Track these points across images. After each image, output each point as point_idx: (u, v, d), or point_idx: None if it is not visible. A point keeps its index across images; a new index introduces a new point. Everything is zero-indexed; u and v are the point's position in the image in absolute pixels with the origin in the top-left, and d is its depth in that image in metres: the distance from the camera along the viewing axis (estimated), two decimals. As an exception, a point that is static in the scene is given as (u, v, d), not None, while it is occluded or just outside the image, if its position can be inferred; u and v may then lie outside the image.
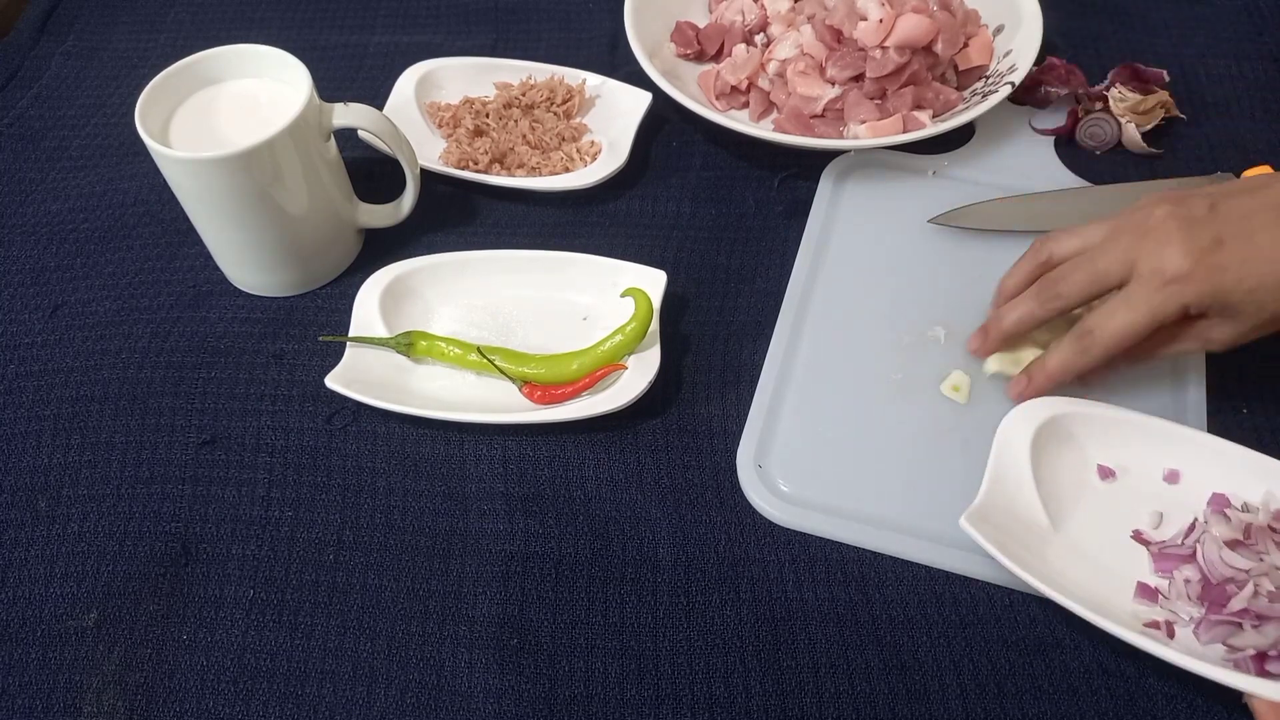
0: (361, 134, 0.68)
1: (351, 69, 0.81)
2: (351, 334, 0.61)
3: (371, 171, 0.70)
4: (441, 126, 0.73)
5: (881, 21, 0.65)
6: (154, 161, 0.57)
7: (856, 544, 0.52)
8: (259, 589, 0.53)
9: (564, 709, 0.49)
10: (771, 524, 0.54)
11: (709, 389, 0.59)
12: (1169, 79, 0.72)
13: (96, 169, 0.75)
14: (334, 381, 0.58)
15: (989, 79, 0.70)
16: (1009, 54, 0.70)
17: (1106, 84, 0.71)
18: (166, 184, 0.60)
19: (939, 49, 0.67)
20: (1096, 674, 0.48)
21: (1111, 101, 0.70)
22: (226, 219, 0.60)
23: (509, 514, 0.55)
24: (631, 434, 0.58)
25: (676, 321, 0.62)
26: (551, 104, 0.74)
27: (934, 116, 0.68)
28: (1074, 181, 0.67)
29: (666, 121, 0.74)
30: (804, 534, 0.53)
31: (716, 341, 0.62)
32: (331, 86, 0.77)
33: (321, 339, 0.63)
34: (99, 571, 0.54)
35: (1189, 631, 0.46)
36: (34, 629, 0.52)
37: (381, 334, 0.61)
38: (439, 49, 0.79)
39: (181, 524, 0.55)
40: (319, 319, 0.64)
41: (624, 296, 0.59)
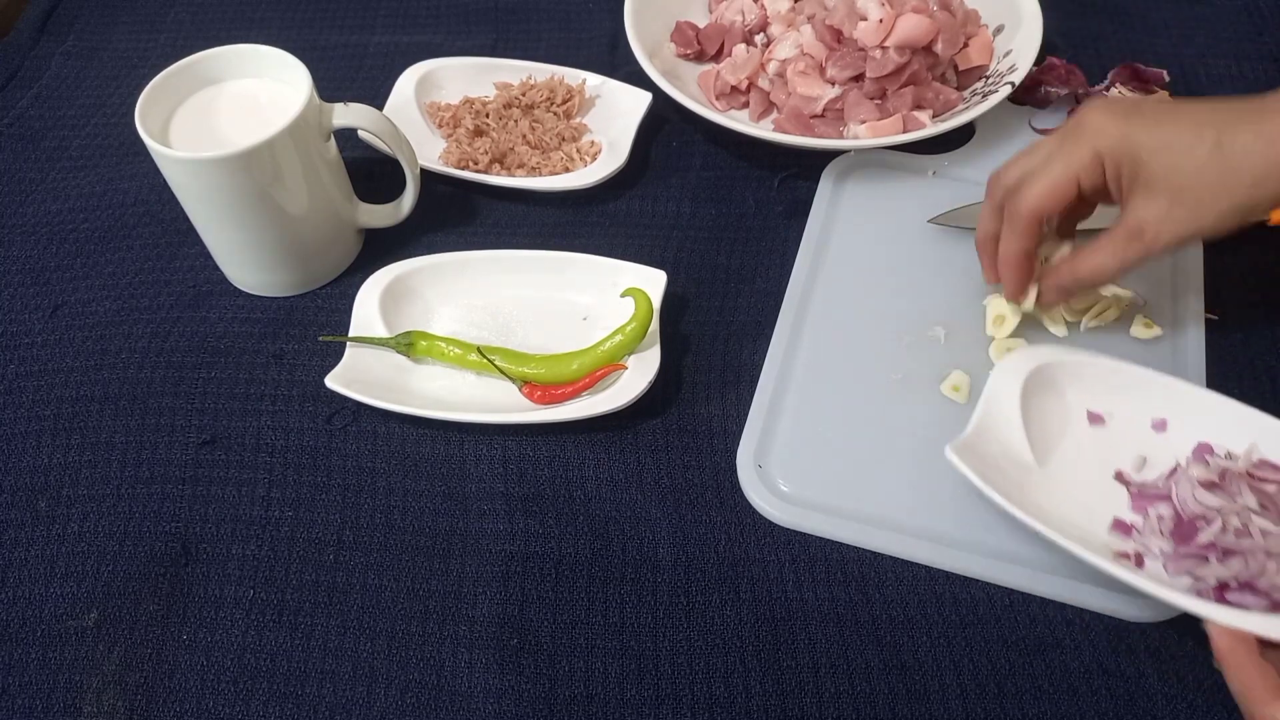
0: (361, 134, 0.68)
1: (351, 69, 0.81)
2: (351, 334, 0.61)
3: (371, 171, 0.70)
4: (441, 126, 0.73)
5: (881, 21, 0.65)
6: (154, 161, 0.57)
7: (856, 544, 0.52)
8: (259, 589, 0.53)
9: (564, 709, 0.49)
10: (771, 524, 0.53)
11: (709, 389, 0.59)
12: (1169, 79, 0.71)
13: (96, 169, 0.75)
14: (334, 381, 0.58)
15: (989, 79, 0.70)
16: (1009, 54, 0.70)
17: (1106, 84, 0.71)
18: (166, 184, 0.60)
19: (939, 49, 0.67)
20: (1096, 674, 0.48)
21: (1111, 101, 0.70)
22: (226, 219, 0.60)
23: (509, 514, 0.55)
24: (631, 434, 0.58)
25: (676, 321, 0.62)
26: (551, 104, 0.74)
27: (934, 116, 0.68)
28: (1074, 181, 0.67)
29: (666, 121, 0.74)
30: (804, 534, 0.53)
31: (716, 341, 0.62)
32: (331, 86, 0.77)
33: (321, 339, 0.63)
34: (99, 571, 0.54)
35: (1159, 566, 0.47)
36: (34, 629, 0.52)
37: (381, 334, 0.61)
38: (439, 49, 0.79)
39: (181, 524, 0.55)
40: (319, 319, 0.64)
41: (624, 296, 0.59)
